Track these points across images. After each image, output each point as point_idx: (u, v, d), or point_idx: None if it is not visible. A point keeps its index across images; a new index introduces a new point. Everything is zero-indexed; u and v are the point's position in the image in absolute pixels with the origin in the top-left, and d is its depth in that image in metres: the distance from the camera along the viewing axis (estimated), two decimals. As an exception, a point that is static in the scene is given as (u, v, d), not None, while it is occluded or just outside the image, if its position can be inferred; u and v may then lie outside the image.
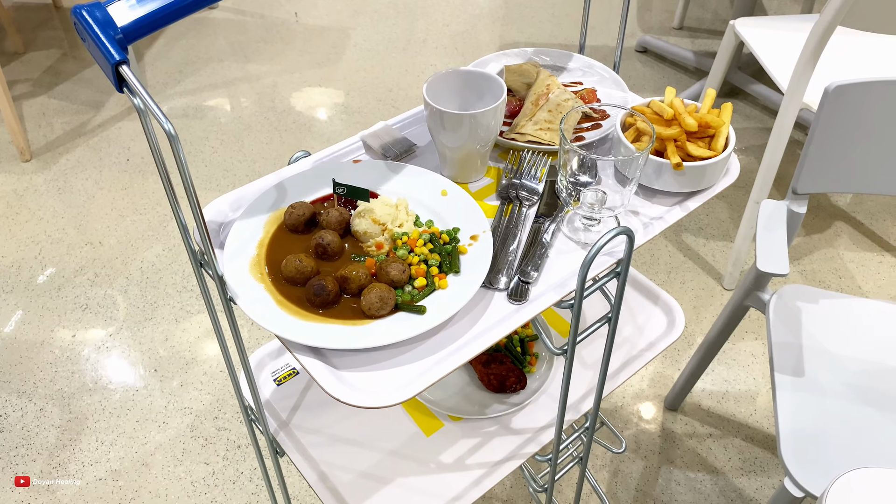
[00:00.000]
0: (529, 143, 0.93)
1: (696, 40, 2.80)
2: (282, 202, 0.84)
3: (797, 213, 1.15)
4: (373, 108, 2.50)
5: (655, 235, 0.85)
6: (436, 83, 0.88)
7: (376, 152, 0.95)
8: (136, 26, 0.68)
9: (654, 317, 1.13)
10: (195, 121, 2.44)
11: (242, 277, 0.76)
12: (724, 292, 1.92)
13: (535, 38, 2.81)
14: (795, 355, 1.16)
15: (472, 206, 0.84)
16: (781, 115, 1.64)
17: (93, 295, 1.90)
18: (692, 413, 1.66)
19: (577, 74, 1.05)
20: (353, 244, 0.81)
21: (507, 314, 0.76)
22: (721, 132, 0.87)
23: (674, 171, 0.84)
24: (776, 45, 1.83)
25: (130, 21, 0.67)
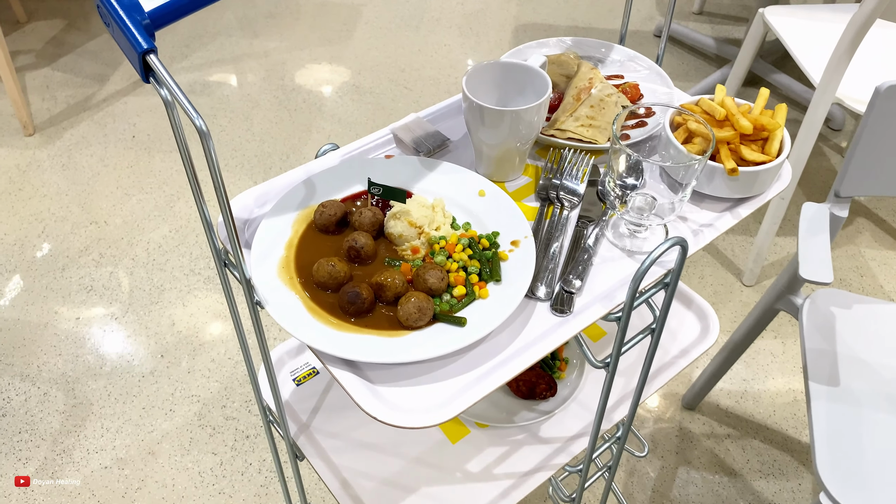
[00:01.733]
0: (570, 141, 0.88)
1: (717, 26, 2.74)
2: (311, 199, 0.79)
3: (839, 217, 1.10)
4: (385, 88, 2.44)
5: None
6: (475, 75, 0.83)
7: (407, 146, 0.90)
8: (165, 11, 0.62)
9: (688, 322, 1.08)
10: (203, 97, 2.37)
11: (270, 281, 0.72)
12: (744, 288, 1.88)
13: (550, 18, 2.75)
14: (830, 363, 1.12)
15: (512, 209, 0.79)
16: (812, 110, 1.58)
17: (98, 276, 1.86)
18: (710, 413, 1.63)
19: (617, 67, 1.00)
20: (387, 247, 0.76)
21: (551, 327, 0.71)
22: (776, 135, 0.82)
23: (727, 176, 0.80)
24: (807, 36, 1.77)
25: (159, 6, 0.62)
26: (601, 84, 0.91)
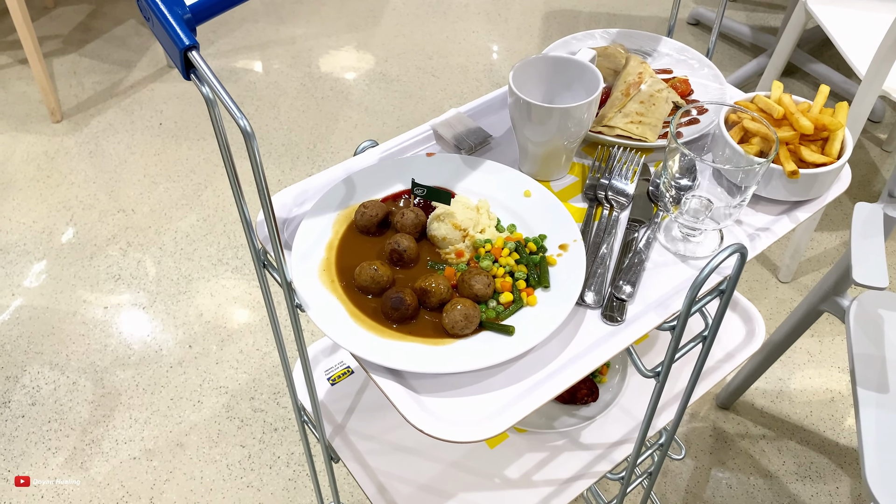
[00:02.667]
0: (618, 138, 0.85)
1: (752, 14, 2.67)
2: (350, 199, 0.77)
3: (893, 218, 1.06)
4: (412, 76, 2.40)
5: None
6: (522, 70, 0.79)
7: (448, 143, 0.87)
8: (207, 5, 0.60)
9: (733, 324, 1.05)
10: (230, 84, 2.36)
11: (312, 284, 0.70)
12: (780, 284, 1.84)
13: (580, 4, 2.69)
14: (879, 369, 1.09)
15: (559, 210, 0.76)
16: (858, 103, 1.53)
17: (125, 265, 1.85)
18: (745, 412, 1.60)
19: (665, 60, 0.96)
20: (430, 250, 0.74)
21: (602, 337, 0.68)
22: (836, 136, 0.78)
23: (786, 178, 0.76)
24: (852, 26, 1.71)
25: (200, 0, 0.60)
26: (651, 79, 0.87)
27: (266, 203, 0.61)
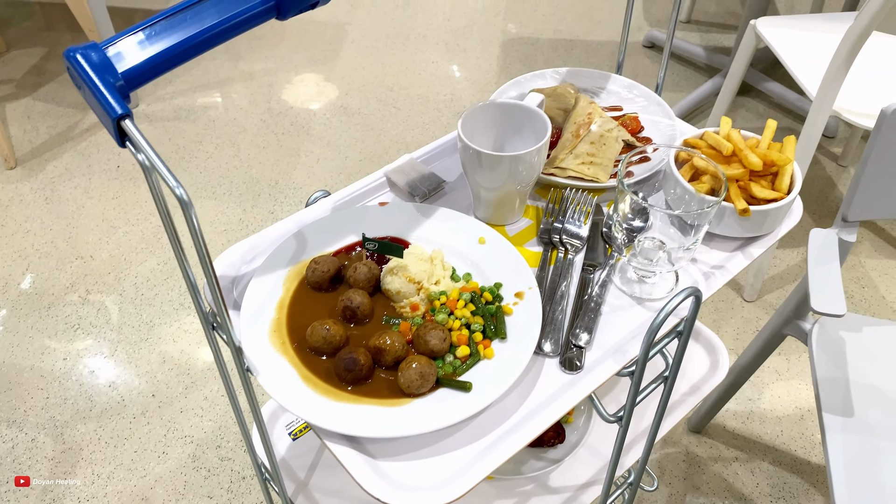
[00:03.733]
0: (571, 180, 0.85)
1: (706, 35, 2.71)
2: (302, 254, 0.75)
3: (848, 242, 1.07)
4: (373, 108, 2.40)
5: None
6: (470, 117, 0.79)
7: (402, 190, 0.86)
8: (141, 71, 0.58)
9: (696, 355, 1.05)
10: (188, 123, 2.33)
11: (262, 346, 0.68)
12: (745, 304, 1.85)
13: (538, 32, 2.72)
14: (843, 392, 1.09)
15: (514, 258, 0.75)
16: (809, 125, 1.56)
17: (85, 313, 1.81)
18: (717, 435, 1.60)
19: (615, 98, 0.96)
20: (384, 303, 0.72)
21: (562, 387, 0.67)
22: (785, 170, 0.79)
23: (737, 215, 0.76)
24: (801, 47, 1.74)
25: (134, 65, 0.58)
26: (600, 119, 0.87)
27: (208, 269, 0.59)
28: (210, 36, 0.61)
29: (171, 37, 0.59)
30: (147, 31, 0.59)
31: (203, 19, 0.61)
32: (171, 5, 0.61)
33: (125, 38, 0.59)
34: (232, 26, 0.62)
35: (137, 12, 2.78)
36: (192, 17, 0.61)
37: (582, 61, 2.57)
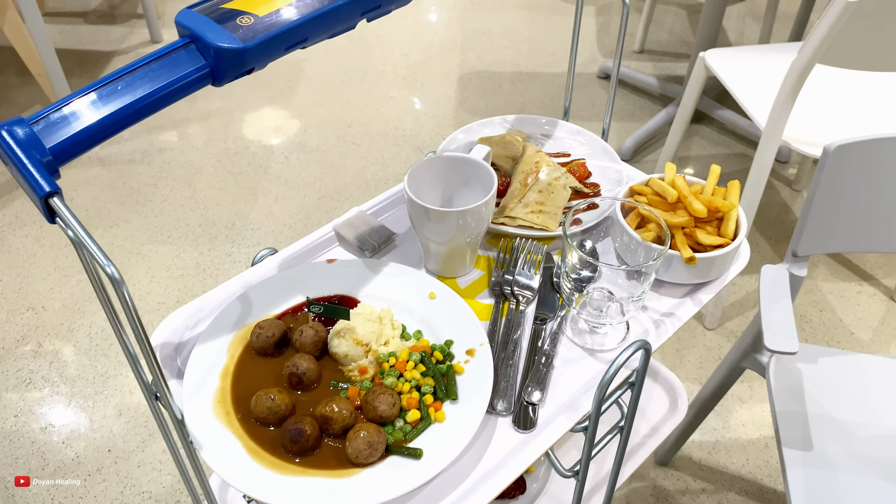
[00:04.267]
0: (520, 229, 0.85)
1: (659, 64, 2.77)
2: (247, 318, 0.74)
3: (798, 277, 1.08)
4: (332, 145, 2.39)
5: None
6: (417, 172, 0.78)
7: (351, 244, 0.85)
8: (70, 145, 0.57)
9: (655, 396, 1.05)
10: (142, 166, 2.30)
11: (205, 418, 0.66)
12: (707, 332, 1.86)
13: (495, 65, 2.74)
14: (802, 426, 1.10)
15: (464, 313, 0.74)
16: (760, 154, 1.58)
17: (37, 367, 1.75)
18: (683, 467, 1.59)
19: (562, 144, 0.97)
20: (332, 366, 0.71)
21: (516, 447, 0.66)
22: (730, 216, 0.79)
23: (685, 263, 0.76)
24: (749, 78, 1.78)
25: (62, 140, 0.56)
26: (548, 167, 0.87)
27: (146, 348, 0.57)
28: (143, 107, 0.59)
29: (102, 109, 0.58)
30: (77, 104, 0.58)
31: (135, 90, 0.60)
32: (116, 54, 0.59)
33: (53, 112, 0.57)
34: (166, 95, 0.61)
35: (89, 54, 2.75)
36: (125, 88, 0.60)
37: (539, 93, 2.60)
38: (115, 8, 3.06)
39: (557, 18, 3.03)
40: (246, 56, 0.61)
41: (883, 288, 1.96)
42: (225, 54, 0.60)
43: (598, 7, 3.11)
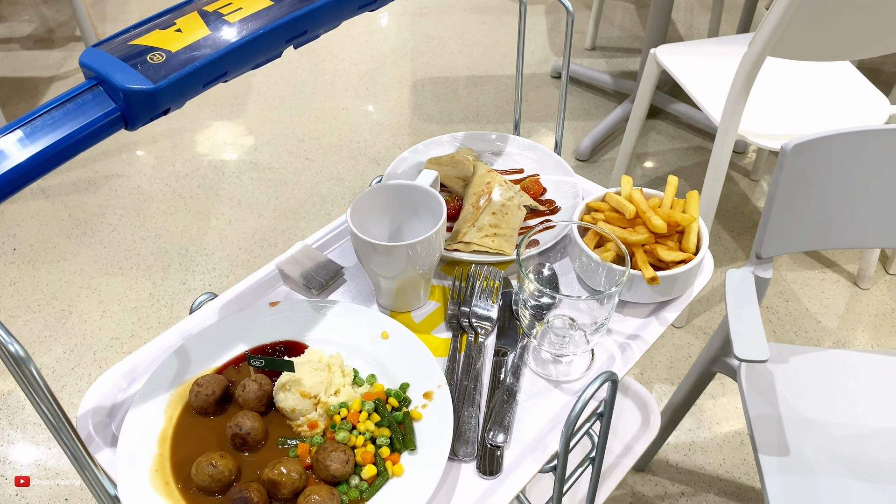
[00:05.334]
0: (475, 255, 0.80)
1: (611, 60, 2.75)
2: (185, 374, 0.68)
3: (764, 279, 1.06)
4: (284, 161, 2.33)
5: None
6: (361, 203, 0.74)
7: (297, 283, 0.80)
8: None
9: (627, 412, 1.02)
10: (88, 195, 2.21)
11: (142, 490, 0.60)
12: (675, 331, 1.84)
13: (447, 70, 2.70)
14: (776, 430, 1.07)
15: (420, 353, 0.70)
16: (717, 150, 1.57)
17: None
18: (661, 471, 1.57)
19: (514, 160, 0.93)
20: (279, 422, 0.66)
21: (482, 494, 0.62)
22: (691, 229, 0.76)
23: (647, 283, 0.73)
24: (701, 73, 1.76)
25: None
26: (500, 187, 0.83)
27: (65, 430, 0.51)
28: (46, 160, 0.53)
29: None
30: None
31: (36, 141, 0.54)
32: (56, 79, 0.54)
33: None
34: (72, 145, 0.55)
35: (26, 81, 2.64)
36: (25, 139, 0.54)
37: (494, 96, 2.57)
38: (51, 32, 2.96)
39: (508, 19, 3.00)
40: (158, 97, 0.55)
41: (846, 274, 1.96)
42: (135, 96, 0.55)
43: (548, 6, 3.08)
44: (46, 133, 0.54)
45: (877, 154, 1.04)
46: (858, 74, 1.75)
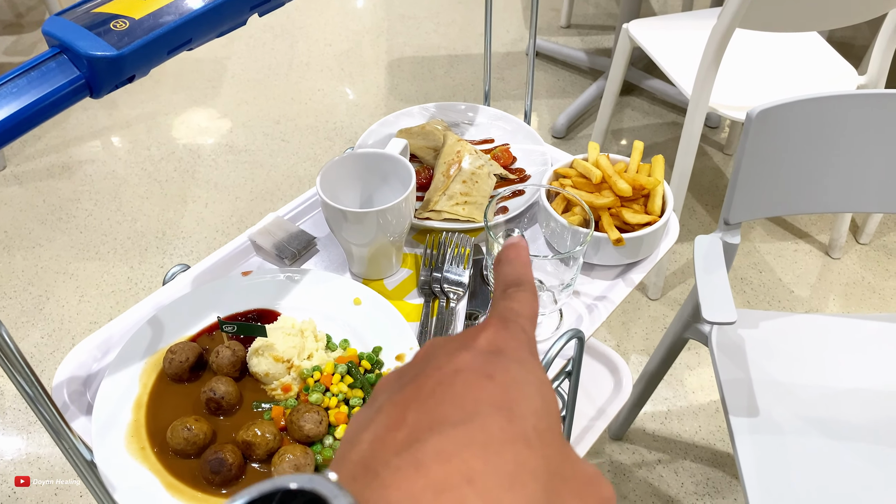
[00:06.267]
0: (447, 223, 0.81)
1: (586, 38, 2.76)
2: (159, 343, 0.69)
3: (732, 245, 1.08)
4: (260, 143, 2.32)
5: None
6: (331, 171, 0.74)
7: (269, 253, 0.80)
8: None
9: (599, 377, 1.03)
10: (63, 181, 2.19)
11: (118, 455, 0.61)
12: (651, 302, 1.87)
13: (422, 50, 2.70)
14: (747, 393, 1.10)
15: (392, 317, 0.71)
16: (689, 122, 1.58)
17: (-38, 403, 1.66)
18: (638, 440, 1.60)
19: (485, 130, 0.94)
20: (254, 386, 0.67)
21: (451, 453, 0.63)
22: (657, 192, 0.77)
23: (613, 245, 0.74)
24: (673, 47, 1.78)
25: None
26: (470, 156, 0.84)
27: (37, 391, 0.52)
28: (10, 128, 0.54)
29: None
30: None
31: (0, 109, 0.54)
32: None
33: None
34: (37, 112, 0.55)
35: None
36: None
37: (471, 76, 2.57)
38: (21, 17, 2.91)
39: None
40: (122, 63, 0.56)
41: (818, 244, 1.99)
42: (99, 63, 0.55)
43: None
44: (10, 101, 0.54)
45: (840, 120, 1.07)
46: (828, 47, 1.77)
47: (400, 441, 0.25)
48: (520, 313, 0.31)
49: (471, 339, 0.29)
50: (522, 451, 0.24)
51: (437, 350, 0.29)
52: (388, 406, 0.27)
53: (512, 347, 0.29)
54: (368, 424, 0.27)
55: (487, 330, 0.30)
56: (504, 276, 0.34)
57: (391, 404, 0.27)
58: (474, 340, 0.29)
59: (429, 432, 0.24)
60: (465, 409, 0.25)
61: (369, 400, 0.29)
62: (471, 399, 0.26)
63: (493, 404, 0.26)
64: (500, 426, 0.25)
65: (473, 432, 0.24)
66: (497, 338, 0.29)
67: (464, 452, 0.24)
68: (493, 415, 0.25)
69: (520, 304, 0.32)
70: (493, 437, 0.24)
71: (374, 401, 0.28)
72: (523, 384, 0.27)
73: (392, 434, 0.25)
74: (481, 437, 0.24)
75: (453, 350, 0.28)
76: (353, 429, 0.27)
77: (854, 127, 1.07)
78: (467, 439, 0.24)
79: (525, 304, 0.32)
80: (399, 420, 0.26)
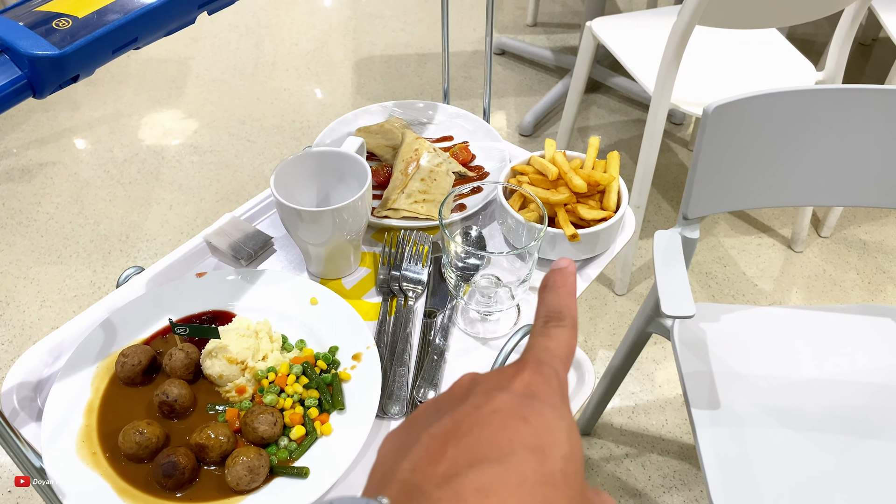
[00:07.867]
0: (405, 221, 0.81)
1: (553, 36, 2.77)
2: (111, 346, 0.68)
3: (691, 239, 1.09)
4: (226, 144, 2.30)
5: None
6: (285, 170, 0.74)
7: (225, 254, 0.79)
8: None
9: (563, 373, 1.04)
10: (23, 184, 2.15)
11: (68, 461, 0.60)
12: (617, 298, 1.89)
13: (390, 49, 2.69)
14: (708, 385, 1.11)
15: (348, 316, 0.71)
16: (651, 119, 1.60)
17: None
18: (605, 434, 1.61)
19: (444, 128, 0.94)
20: (208, 389, 0.66)
21: (408, 451, 0.63)
22: (611, 188, 0.78)
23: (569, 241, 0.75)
24: (635, 44, 1.79)
25: None
26: (429, 153, 0.84)
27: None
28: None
29: None
30: None
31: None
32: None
33: None
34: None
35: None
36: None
37: (438, 74, 2.57)
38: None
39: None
40: (65, 63, 0.55)
41: (781, 238, 2.03)
42: (41, 63, 0.54)
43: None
44: (-54, 102, 0.53)
45: (796, 115, 1.08)
46: (787, 43, 1.80)
47: (440, 474, 0.27)
48: (555, 354, 0.33)
49: (507, 381, 0.31)
50: (551, 492, 0.27)
51: (476, 387, 0.31)
52: (427, 438, 0.29)
53: (546, 392, 0.31)
54: (406, 453, 0.29)
55: (524, 373, 0.31)
56: (547, 305, 0.36)
57: (430, 437, 0.29)
58: (511, 382, 0.31)
59: (468, 468, 0.27)
60: (501, 449, 0.28)
61: (405, 426, 0.31)
62: (506, 439, 0.28)
63: (527, 446, 0.28)
64: (533, 468, 0.27)
65: (509, 471, 0.27)
66: (532, 381, 0.31)
67: (500, 490, 0.26)
68: (527, 456, 0.27)
69: (556, 344, 0.33)
70: (526, 477, 0.27)
71: (412, 429, 0.30)
72: (555, 429, 0.29)
73: (432, 467, 0.27)
74: (516, 477, 0.27)
75: (491, 389, 0.30)
76: (388, 455, 0.30)
77: (811, 122, 1.09)
78: (503, 478, 0.27)
79: (562, 343, 0.34)
80: (439, 454, 0.28)
